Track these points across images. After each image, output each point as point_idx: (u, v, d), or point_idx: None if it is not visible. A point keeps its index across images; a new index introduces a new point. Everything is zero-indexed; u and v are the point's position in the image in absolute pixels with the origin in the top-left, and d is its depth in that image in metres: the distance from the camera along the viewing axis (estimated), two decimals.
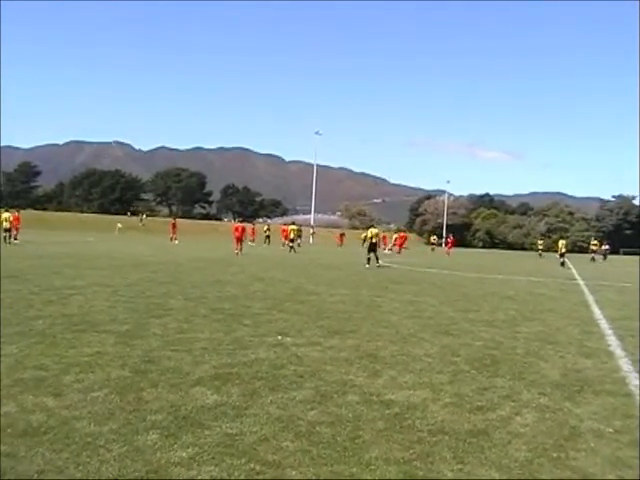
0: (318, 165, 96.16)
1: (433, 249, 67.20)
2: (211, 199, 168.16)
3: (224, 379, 5.97)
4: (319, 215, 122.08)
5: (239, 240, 33.37)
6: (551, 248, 76.23)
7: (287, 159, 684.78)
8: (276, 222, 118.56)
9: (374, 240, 27.26)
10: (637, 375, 7.15)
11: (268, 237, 55.29)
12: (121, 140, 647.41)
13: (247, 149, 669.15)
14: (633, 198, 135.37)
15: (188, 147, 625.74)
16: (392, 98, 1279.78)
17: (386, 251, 46.39)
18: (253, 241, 52.31)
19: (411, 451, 4.31)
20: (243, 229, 34.79)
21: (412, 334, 9.23)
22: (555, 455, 4.39)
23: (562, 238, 46.42)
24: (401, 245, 49.38)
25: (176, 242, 43.87)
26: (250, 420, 4.79)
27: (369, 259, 26.79)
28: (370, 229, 28.68)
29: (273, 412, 5.03)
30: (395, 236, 53.94)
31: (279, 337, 8.35)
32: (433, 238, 74.12)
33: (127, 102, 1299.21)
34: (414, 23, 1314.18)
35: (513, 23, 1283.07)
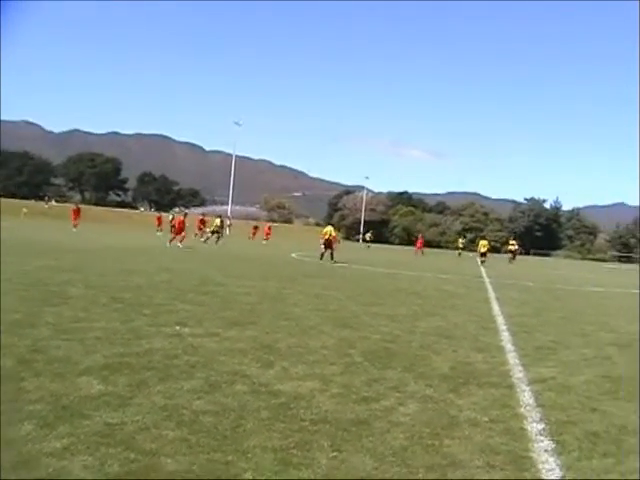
0: (238, 156, 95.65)
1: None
2: (127, 186, 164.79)
3: (113, 369, 5.88)
4: (237, 207, 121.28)
5: (179, 232, 32.46)
6: (466, 247, 78.33)
7: (208, 148, 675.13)
8: (193, 212, 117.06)
9: (328, 237, 29.00)
10: (521, 368, 7.48)
11: (173, 226, 54.68)
12: (30, 120, 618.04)
13: (166, 136, 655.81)
14: (544, 201, 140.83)
15: (104, 131, 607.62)
16: (317, 94, 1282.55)
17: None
18: (160, 231, 51.95)
19: (290, 439, 4.38)
20: (182, 222, 33.66)
21: (312, 327, 9.33)
22: (430, 443, 4.55)
23: (483, 238, 47.46)
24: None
25: (74, 230, 42.01)
26: (133, 409, 4.74)
27: (323, 254, 28.53)
28: (327, 227, 30.54)
29: (158, 402, 4.99)
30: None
31: (177, 327, 8.28)
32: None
33: (37, 79, 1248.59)
34: (340, 19, 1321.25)
35: (440, 22, 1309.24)
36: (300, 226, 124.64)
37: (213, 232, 39.93)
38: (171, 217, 56.70)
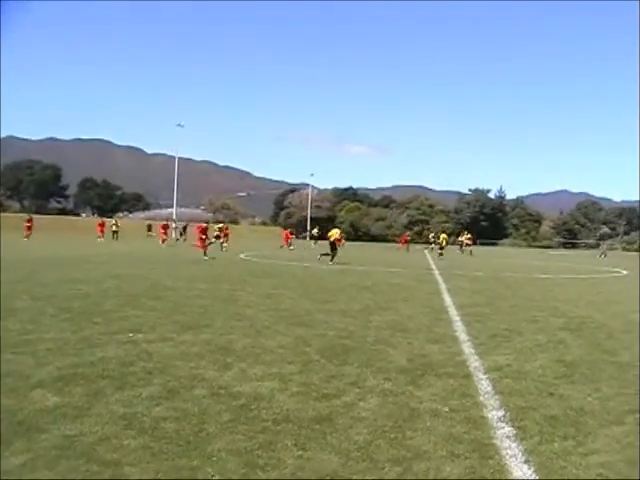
0: (181, 158, 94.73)
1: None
2: (67, 193, 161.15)
3: (67, 380, 5.76)
4: (182, 209, 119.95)
5: (203, 241, 29.50)
6: (413, 239, 77.73)
7: (149, 151, 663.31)
8: (138, 216, 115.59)
9: (333, 240, 29.23)
10: (477, 357, 7.60)
11: (115, 232, 53.92)
12: None
13: (106, 141, 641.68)
14: (488, 191, 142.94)
15: (41, 137, 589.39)
16: (258, 93, 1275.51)
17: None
18: (102, 237, 51.28)
19: (254, 441, 4.36)
20: (205, 228, 30.57)
21: (266, 326, 9.31)
22: (393, 436, 4.58)
23: (444, 232, 48.25)
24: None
25: (25, 240, 41.06)
26: (92, 420, 4.66)
27: (326, 255, 28.55)
28: (333, 229, 30.76)
29: (117, 410, 4.92)
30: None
31: (130, 334, 8.15)
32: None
33: None
34: (278, 18, 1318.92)
35: (379, 19, 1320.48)
36: (247, 226, 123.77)
37: (217, 237, 38.67)
38: (113, 222, 55.60)
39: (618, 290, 19.88)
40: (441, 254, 41.91)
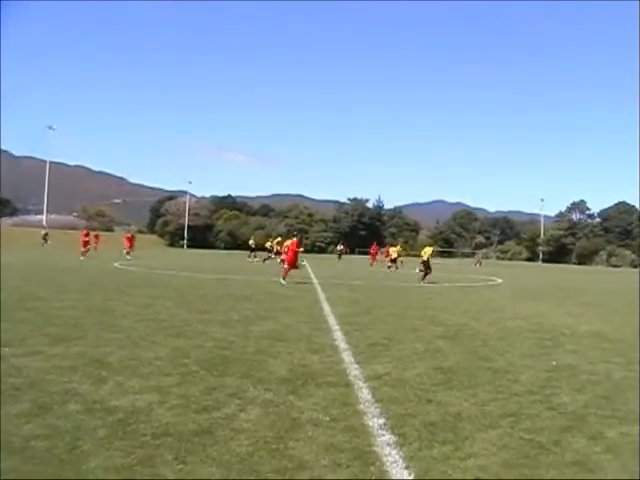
0: (52, 162, 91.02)
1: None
2: None
3: None
4: (53, 216, 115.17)
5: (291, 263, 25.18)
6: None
7: (17, 154, 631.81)
8: (5, 223, 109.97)
9: (426, 257, 27.31)
10: (357, 366, 7.70)
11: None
12: None
13: None
14: (366, 201, 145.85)
15: None
16: (135, 95, 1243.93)
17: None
18: None
19: (132, 457, 4.22)
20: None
21: (143, 337, 9.08)
22: (275, 447, 4.57)
23: (393, 245, 47.26)
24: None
25: None
26: None
27: (424, 276, 27.29)
28: (427, 247, 28.52)
29: None
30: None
31: None
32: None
33: None
34: (160, 19, 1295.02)
35: (253, 26, 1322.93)
36: (122, 234, 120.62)
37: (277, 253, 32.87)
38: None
39: (493, 298, 20.68)
40: (390, 267, 41.16)
